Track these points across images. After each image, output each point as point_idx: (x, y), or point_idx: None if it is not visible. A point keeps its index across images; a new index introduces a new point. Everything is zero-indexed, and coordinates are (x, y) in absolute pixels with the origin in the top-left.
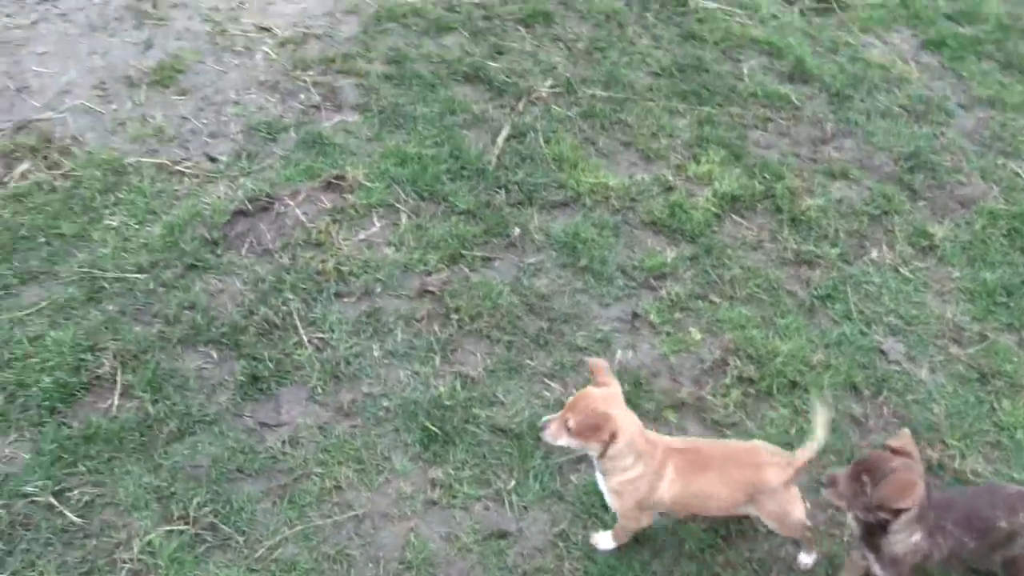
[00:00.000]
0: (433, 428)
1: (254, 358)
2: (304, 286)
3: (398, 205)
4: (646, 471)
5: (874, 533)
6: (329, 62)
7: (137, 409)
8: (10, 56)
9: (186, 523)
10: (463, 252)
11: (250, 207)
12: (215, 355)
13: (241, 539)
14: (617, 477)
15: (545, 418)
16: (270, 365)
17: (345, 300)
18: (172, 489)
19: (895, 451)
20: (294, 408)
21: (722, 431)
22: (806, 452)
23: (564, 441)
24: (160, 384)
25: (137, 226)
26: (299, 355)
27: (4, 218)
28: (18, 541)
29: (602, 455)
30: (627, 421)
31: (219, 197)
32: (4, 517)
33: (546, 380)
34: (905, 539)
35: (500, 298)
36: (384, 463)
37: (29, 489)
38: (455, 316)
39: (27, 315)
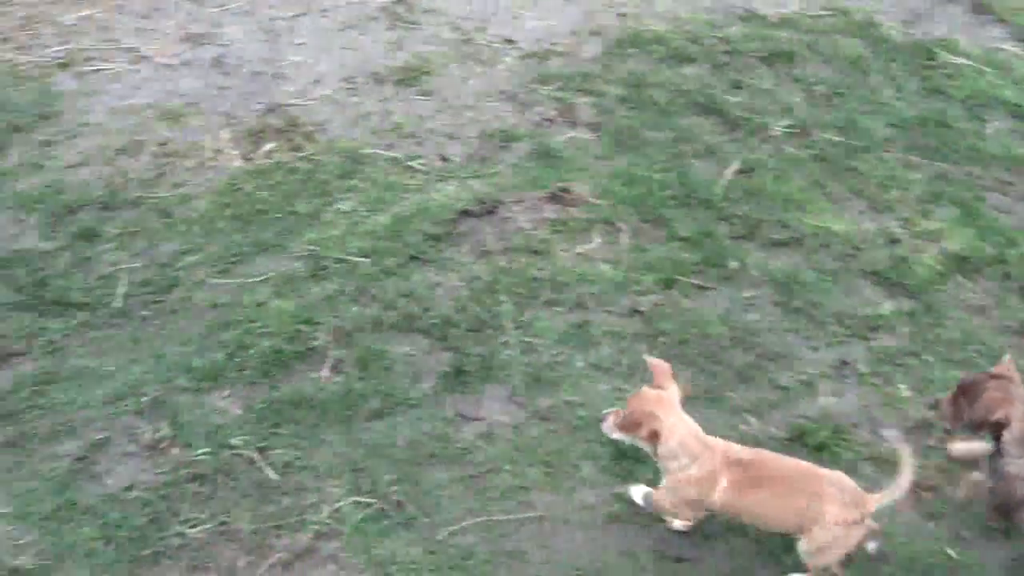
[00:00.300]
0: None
1: (461, 352)
2: (518, 290)
3: (619, 224)
4: (700, 474)
5: (994, 456)
6: (568, 79)
7: (344, 383)
8: (271, 44)
9: (374, 497)
10: (678, 277)
11: (476, 208)
12: (424, 344)
13: (425, 520)
14: (671, 475)
15: (606, 411)
16: (475, 361)
17: (556, 309)
18: (366, 463)
19: (994, 375)
20: (493, 405)
21: (917, 493)
22: (881, 497)
23: (617, 435)
24: (368, 363)
25: (366, 213)
26: (505, 355)
27: (246, 191)
28: (219, 487)
29: (655, 453)
30: (675, 423)
31: (447, 195)
32: (210, 462)
33: (745, 415)
34: (1016, 460)
35: (709, 327)
36: (572, 470)
37: (235, 441)
38: (662, 339)
39: (255, 282)
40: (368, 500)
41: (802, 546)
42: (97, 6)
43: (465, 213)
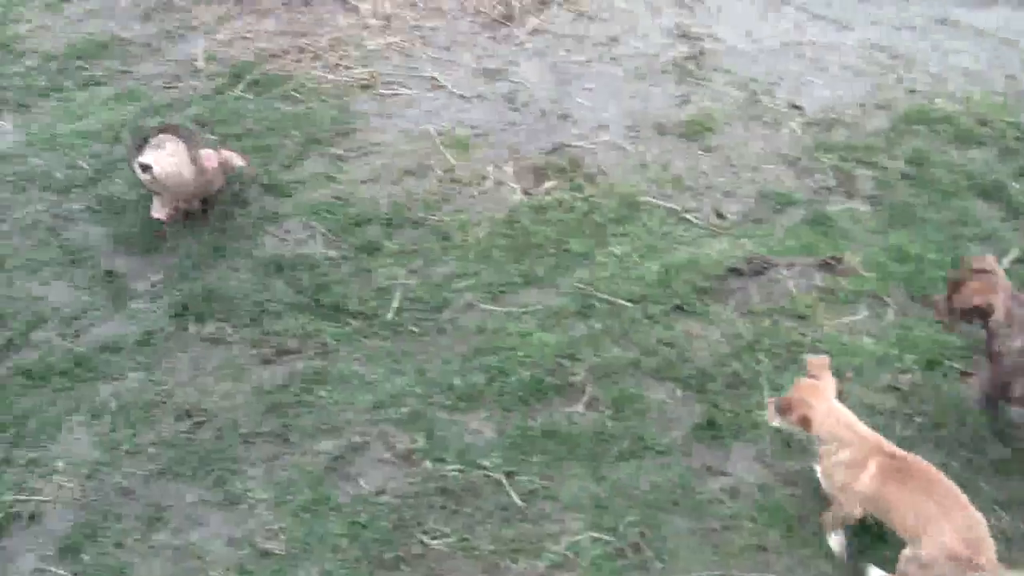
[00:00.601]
0: (869, 522)
1: (715, 406)
2: (778, 352)
3: (887, 300)
4: (849, 459)
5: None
6: (851, 150)
7: (596, 421)
8: (561, 86)
9: (613, 536)
10: (942, 359)
11: (745, 267)
12: (679, 393)
13: (660, 565)
14: (825, 460)
15: (769, 398)
16: (728, 416)
17: None
18: (609, 502)
19: (976, 270)
20: (740, 462)
21: None
22: (1006, 567)
23: (776, 421)
24: (623, 405)
25: (638, 259)
26: (758, 415)
27: (524, 224)
28: (465, 504)
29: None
30: (827, 410)
31: (719, 251)
32: (459, 479)
33: (998, 508)
34: (1006, 343)
35: (968, 415)
36: (813, 538)
37: (485, 463)
38: (917, 419)
39: (522, 312)
40: (607, 538)
41: (906, 552)
42: (401, 35)
43: (734, 271)
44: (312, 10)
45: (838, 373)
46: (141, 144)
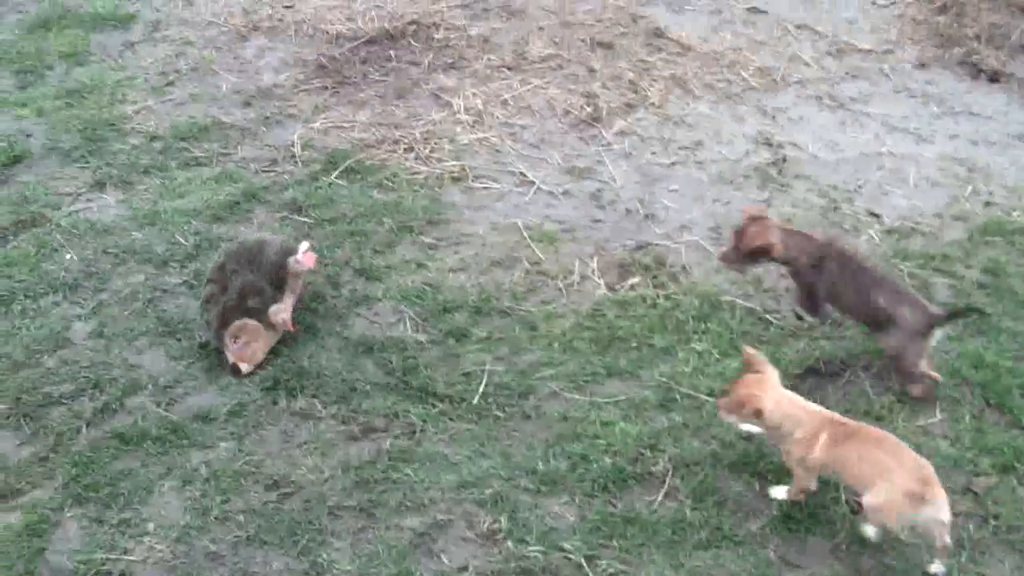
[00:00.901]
0: None
1: (793, 502)
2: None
3: (963, 404)
4: (803, 435)
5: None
6: (928, 259)
7: (677, 510)
8: (647, 187)
9: None
10: (1017, 465)
11: (823, 368)
12: (757, 487)
13: None
14: (783, 445)
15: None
16: (805, 511)
17: None
18: None
19: (753, 217)
20: (814, 556)
21: None
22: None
23: (729, 418)
24: (703, 496)
25: (719, 356)
26: (834, 511)
27: (608, 318)
28: None
29: (765, 429)
30: (775, 398)
31: (797, 351)
32: (540, 560)
33: None
34: (798, 263)
35: None
36: None
37: (567, 546)
38: (992, 522)
39: (605, 402)
40: None
41: (867, 499)
42: (493, 131)
43: (812, 371)
44: (406, 104)
45: None
46: (220, 325)
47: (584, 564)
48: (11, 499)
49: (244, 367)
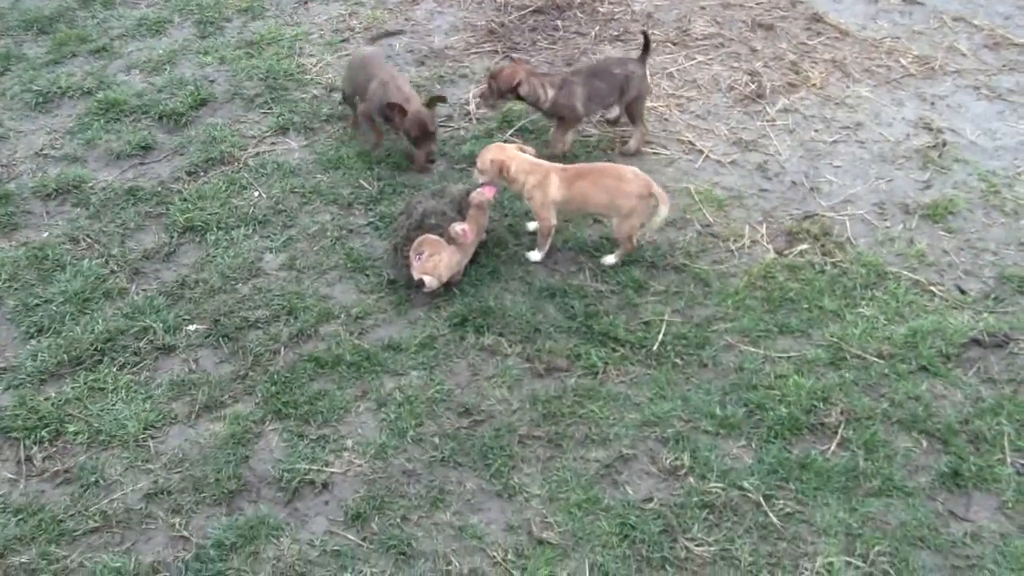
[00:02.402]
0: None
1: (960, 458)
2: (1019, 419)
3: None
4: (535, 181)
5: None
6: None
7: (849, 459)
8: (811, 162)
9: (864, 562)
10: None
11: (986, 339)
12: (924, 443)
13: None
14: (525, 192)
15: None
16: (972, 468)
17: None
18: (861, 531)
19: (513, 60)
20: (983, 511)
21: None
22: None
23: (482, 178)
24: (873, 448)
25: (885, 321)
26: (999, 471)
27: (778, 279)
28: (725, 519)
29: (513, 183)
30: (511, 156)
31: (961, 322)
32: (721, 496)
33: None
34: (545, 98)
35: None
36: None
37: (745, 484)
38: None
39: (778, 357)
40: (858, 563)
41: (614, 222)
42: (661, 101)
43: (975, 342)
44: None
45: None
46: (405, 244)
47: (763, 502)
48: (215, 410)
49: (428, 280)
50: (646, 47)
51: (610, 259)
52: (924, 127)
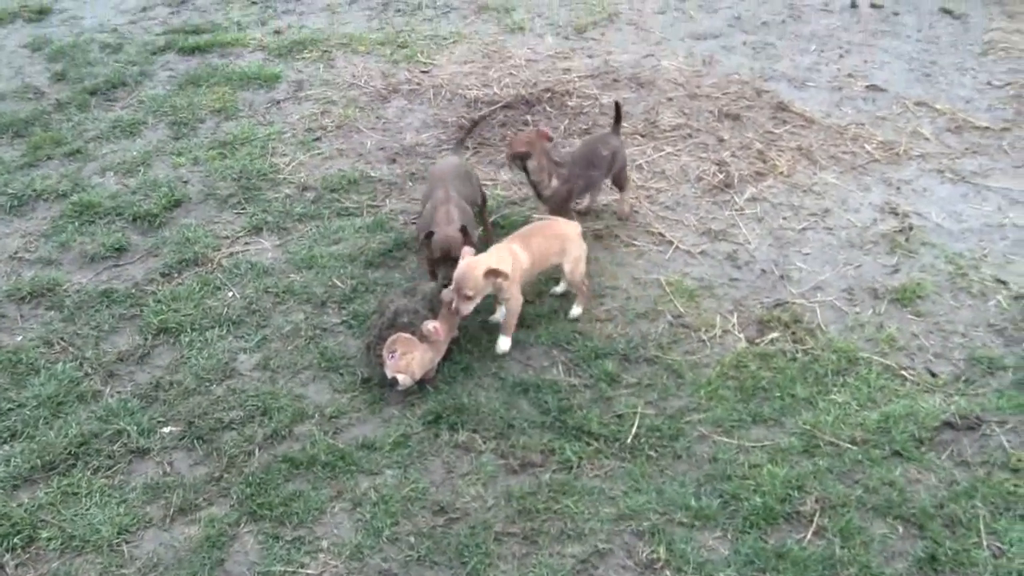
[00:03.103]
0: None
1: (935, 542)
2: (994, 501)
3: None
4: (509, 267)
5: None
6: None
7: (826, 547)
8: (780, 250)
9: None
10: None
11: (959, 422)
12: (900, 529)
13: None
14: (503, 293)
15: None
16: (949, 553)
17: None
18: None
19: (540, 135)
20: None
21: None
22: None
23: (472, 305)
24: (850, 535)
25: (857, 407)
26: (976, 554)
27: (751, 368)
28: None
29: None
30: (483, 256)
31: (932, 406)
32: None
33: None
34: (547, 184)
35: None
36: None
37: None
38: None
39: (751, 446)
40: None
41: (565, 266)
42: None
43: (948, 424)
44: None
45: None
46: (378, 343)
47: None
48: (190, 513)
49: (402, 378)
50: (618, 118)
51: (576, 311)
52: (891, 212)
